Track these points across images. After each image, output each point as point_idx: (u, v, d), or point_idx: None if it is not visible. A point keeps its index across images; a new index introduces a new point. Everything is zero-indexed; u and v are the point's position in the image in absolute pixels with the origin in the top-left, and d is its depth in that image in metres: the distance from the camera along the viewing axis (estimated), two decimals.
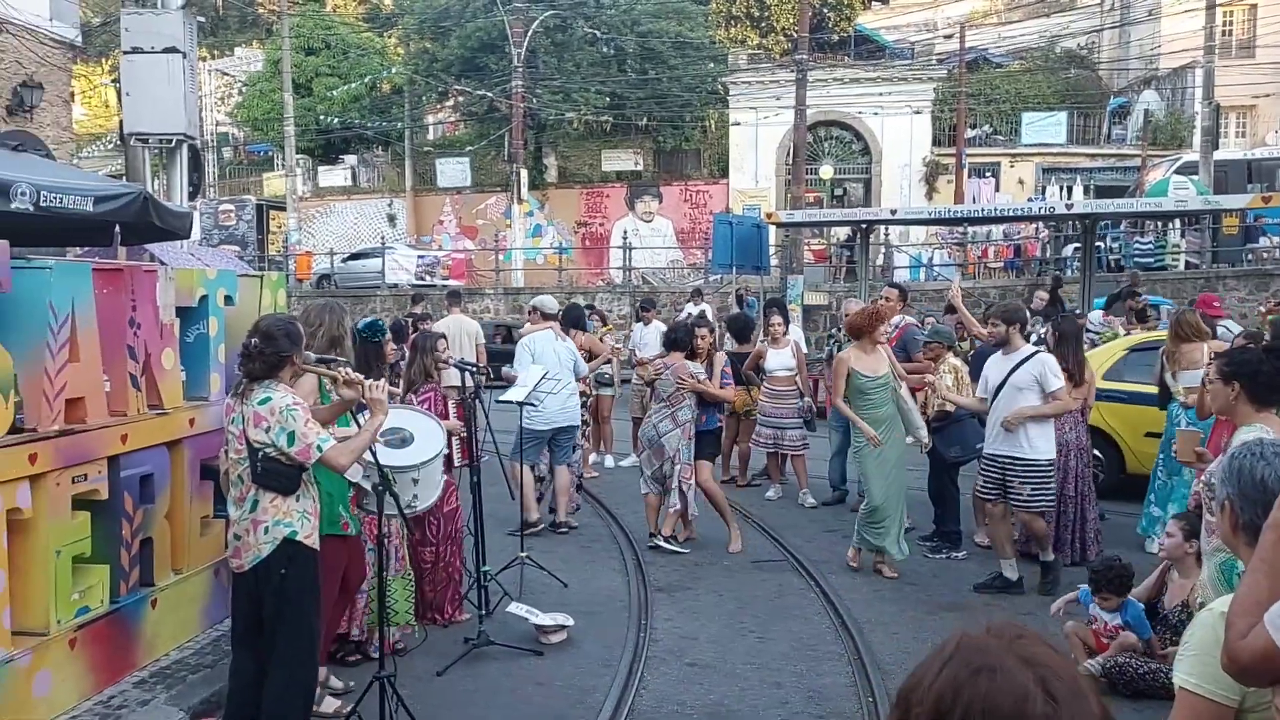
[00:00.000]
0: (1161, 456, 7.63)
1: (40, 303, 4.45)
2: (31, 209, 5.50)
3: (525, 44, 26.76)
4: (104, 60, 40.81)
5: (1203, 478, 4.52)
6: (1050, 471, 6.65)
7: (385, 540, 4.60)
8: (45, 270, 4.55)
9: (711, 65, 31.33)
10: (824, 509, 9.15)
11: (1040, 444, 6.57)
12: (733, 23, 33.71)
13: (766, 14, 33.26)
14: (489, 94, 30.40)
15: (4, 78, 13.11)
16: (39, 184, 5.60)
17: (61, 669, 4.52)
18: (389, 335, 6.08)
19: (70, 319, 4.58)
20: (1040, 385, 6.54)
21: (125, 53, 9.72)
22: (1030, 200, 26.04)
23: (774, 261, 22.04)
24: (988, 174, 29.57)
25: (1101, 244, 20.59)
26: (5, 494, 4.21)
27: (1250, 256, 21.04)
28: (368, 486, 4.68)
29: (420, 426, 5.11)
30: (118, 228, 6.98)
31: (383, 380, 4.40)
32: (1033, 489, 6.55)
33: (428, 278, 25.17)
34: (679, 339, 7.77)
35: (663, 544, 7.65)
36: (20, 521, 4.33)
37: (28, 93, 13.06)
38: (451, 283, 24.37)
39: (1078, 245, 19.33)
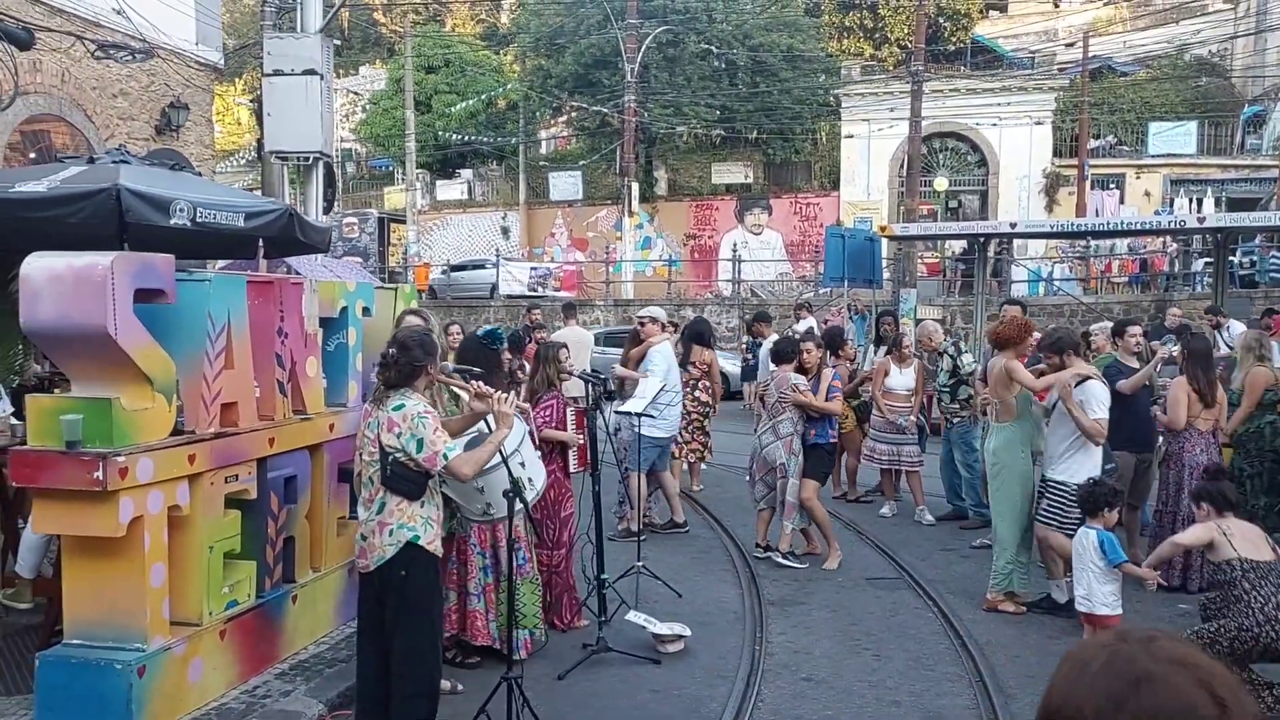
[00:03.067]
0: None
1: (200, 313, 4.77)
2: (189, 224, 5.89)
3: (638, 59, 27.07)
4: (236, 81, 42.86)
5: None
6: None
7: (514, 543, 4.76)
8: (205, 283, 4.87)
9: (823, 77, 31.13)
10: (940, 526, 9.03)
11: (1075, 469, 6.27)
12: (846, 35, 33.44)
13: (880, 25, 32.89)
14: (601, 109, 30.83)
15: (153, 99, 13.94)
16: (196, 201, 5.99)
17: (212, 658, 4.82)
18: (506, 344, 6.25)
19: (226, 328, 4.89)
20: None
21: (266, 75, 10.26)
22: (1157, 213, 25.08)
23: (886, 275, 21.75)
24: (1112, 186, 28.56)
25: (1234, 259, 19.72)
26: (167, 492, 4.52)
27: None
28: (446, 491, 4.81)
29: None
30: (261, 242, 7.36)
31: (512, 395, 4.56)
32: (1048, 503, 6.39)
33: (540, 289, 25.64)
34: (784, 351, 7.84)
35: (778, 559, 7.68)
36: (179, 518, 4.64)
37: (175, 113, 13.84)
38: (563, 294, 24.78)
39: (1209, 260, 18.55)
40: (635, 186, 28.36)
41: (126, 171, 6.09)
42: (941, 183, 28.47)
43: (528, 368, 7.09)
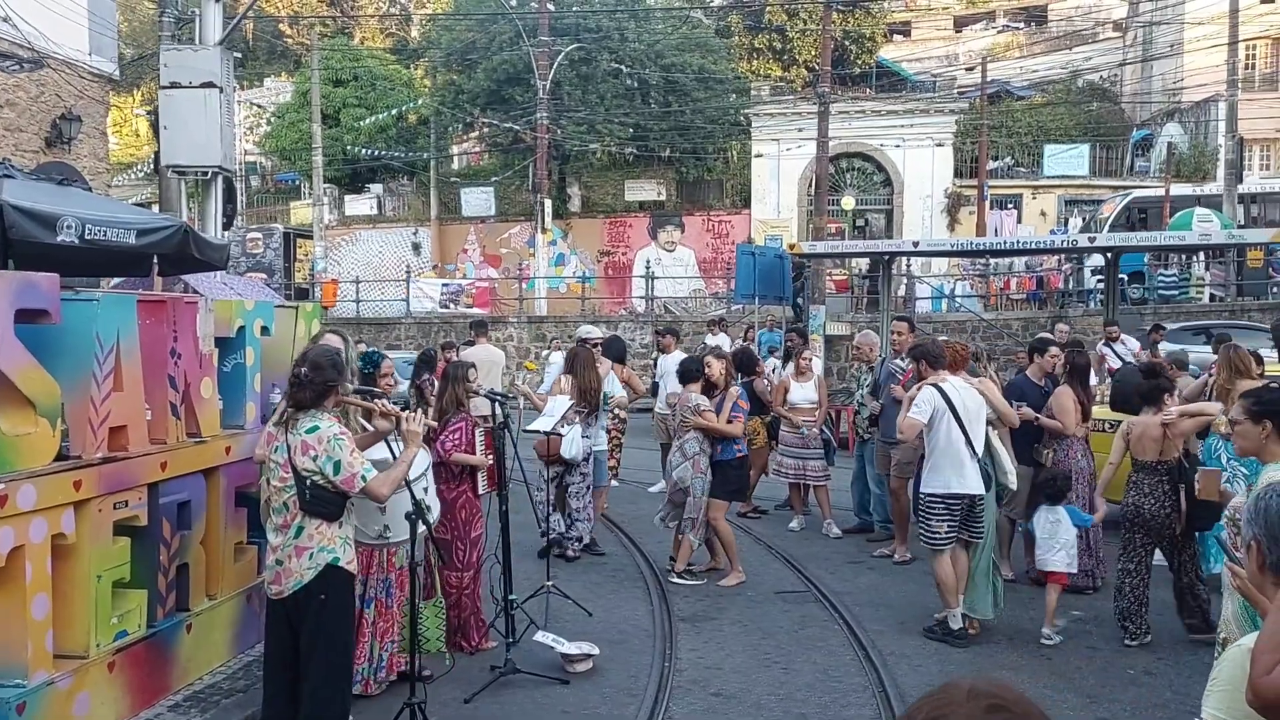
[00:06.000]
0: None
1: (87, 334, 4.60)
2: (77, 242, 5.67)
3: (550, 76, 27.08)
4: (135, 92, 41.58)
5: (1227, 513, 4.54)
6: (926, 504, 6.46)
7: (416, 567, 4.68)
8: (93, 302, 4.70)
9: (734, 97, 31.57)
10: (847, 539, 9.18)
11: (926, 480, 6.49)
12: (755, 56, 34.00)
13: (789, 47, 33.53)
14: (514, 125, 30.72)
15: (44, 110, 13.43)
16: (84, 217, 5.78)
17: (100, 692, 4.62)
18: (383, 366, 6.08)
19: (115, 349, 4.72)
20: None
21: (163, 88, 9.96)
22: (1053, 232, 26.04)
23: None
24: (1010, 205, 29.58)
25: (1125, 277, 20.57)
26: (51, 520, 4.33)
27: (1276, 290, 20.97)
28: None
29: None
30: (155, 259, 7.14)
31: (419, 413, 4.50)
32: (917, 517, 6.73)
33: (452, 306, 25.39)
34: (689, 371, 7.86)
35: (674, 578, 7.69)
36: (64, 547, 4.45)
37: (66, 125, 13.37)
38: (476, 311, 24.57)
39: (1101, 278, 19.30)
40: (548, 203, 28.29)
41: (10, 186, 5.85)
42: (849, 202, 29.10)
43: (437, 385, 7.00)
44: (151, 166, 29.73)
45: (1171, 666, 5.97)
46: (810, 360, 9.61)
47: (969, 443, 6.34)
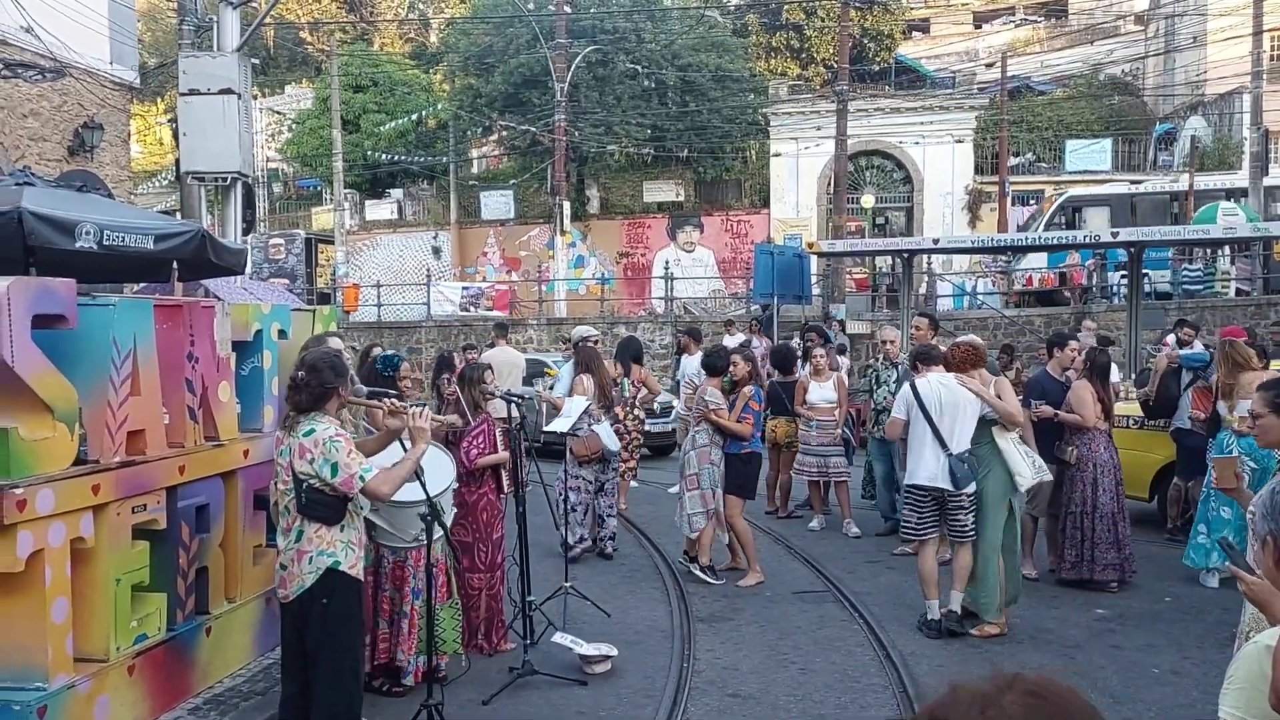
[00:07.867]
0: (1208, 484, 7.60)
1: (104, 339, 4.63)
2: (95, 247, 5.72)
3: (568, 79, 27.10)
4: (159, 100, 41.94)
5: (1250, 508, 4.46)
6: (910, 496, 6.62)
7: (432, 569, 4.68)
8: (109, 307, 4.73)
9: (752, 96, 31.49)
10: (867, 539, 9.12)
11: (909, 471, 6.65)
12: (772, 54, 33.90)
13: (806, 45, 33.41)
14: (532, 128, 30.77)
15: (66, 119, 13.58)
16: (103, 223, 5.82)
17: (120, 695, 4.65)
18: (402, 369, 6.11)
19: (132, 354, 4.75)
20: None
21: (182, 94, 10.05)
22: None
23: (815, 290, 22.03)
24: (1031, 201, 29.32)
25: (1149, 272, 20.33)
26: (69, 524, 4.36)
27: None
28: (375, 519, 4.75)
29: (430, 460, 4.87)
30: (175, 264, 7.20)
31: (426, 409, 4.48)
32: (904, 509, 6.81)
33: (472, 309, 25.46)
34: (714, 364, 7.88)
35: (696, 570, 7.68)
36: (83, 551, 4.48)
37: (89, 133, 13.51)
38: (496, 314, 24.64)
39: (1124, 274, 19.10)
40: (567, 205, 28.31)
41: (30, 194, 5.91)
42: (868, 200, 28.93)
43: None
44: (174, 174, 29.99)
45: (1198, 666, 5.89)
46: (825, 358, 9.55)
47: (937, 437, 6.41)
